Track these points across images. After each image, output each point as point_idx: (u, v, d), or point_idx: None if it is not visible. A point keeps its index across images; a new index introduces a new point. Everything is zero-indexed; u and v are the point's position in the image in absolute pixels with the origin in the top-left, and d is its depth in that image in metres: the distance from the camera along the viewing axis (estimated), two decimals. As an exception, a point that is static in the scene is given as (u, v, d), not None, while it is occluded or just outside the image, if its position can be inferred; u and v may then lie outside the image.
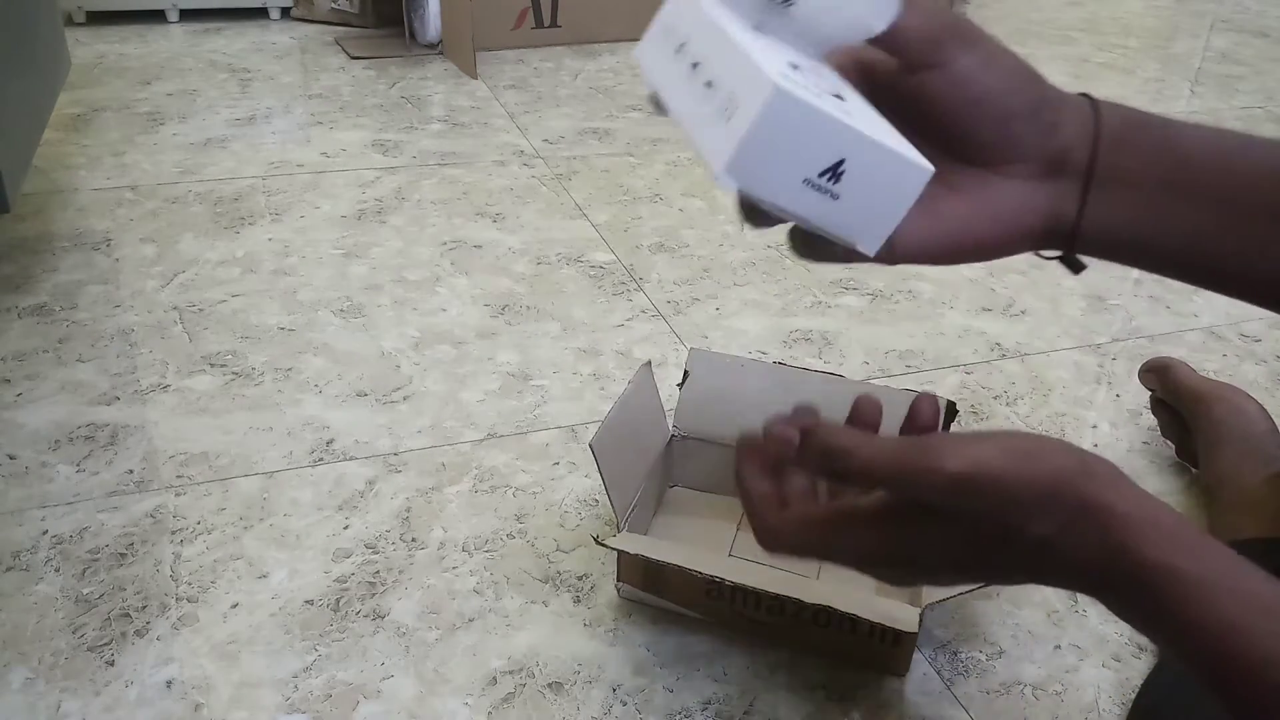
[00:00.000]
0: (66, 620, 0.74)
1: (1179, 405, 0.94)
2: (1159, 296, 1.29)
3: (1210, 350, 1.18)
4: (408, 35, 2.13)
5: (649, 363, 0.85)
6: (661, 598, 0.76)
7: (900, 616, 0.68)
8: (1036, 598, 0.80)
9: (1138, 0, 2.96)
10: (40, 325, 1.09)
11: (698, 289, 1.24)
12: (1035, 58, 2.28)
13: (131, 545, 0.81)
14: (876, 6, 0.39)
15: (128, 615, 0.75)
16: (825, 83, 0.39)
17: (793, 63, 0.38)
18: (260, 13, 2.28)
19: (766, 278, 1.27)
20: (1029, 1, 2.84)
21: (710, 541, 0.83)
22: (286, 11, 2.30)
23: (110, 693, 0.69)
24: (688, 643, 0.75)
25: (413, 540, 0.83)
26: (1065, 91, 0.43)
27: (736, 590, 0.72)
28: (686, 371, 0.86)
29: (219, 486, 0.88)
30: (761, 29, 0.40)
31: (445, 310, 1.17)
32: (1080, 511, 0.37)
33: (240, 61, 1.99)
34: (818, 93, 0.36)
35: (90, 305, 1.13)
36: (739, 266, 1.29)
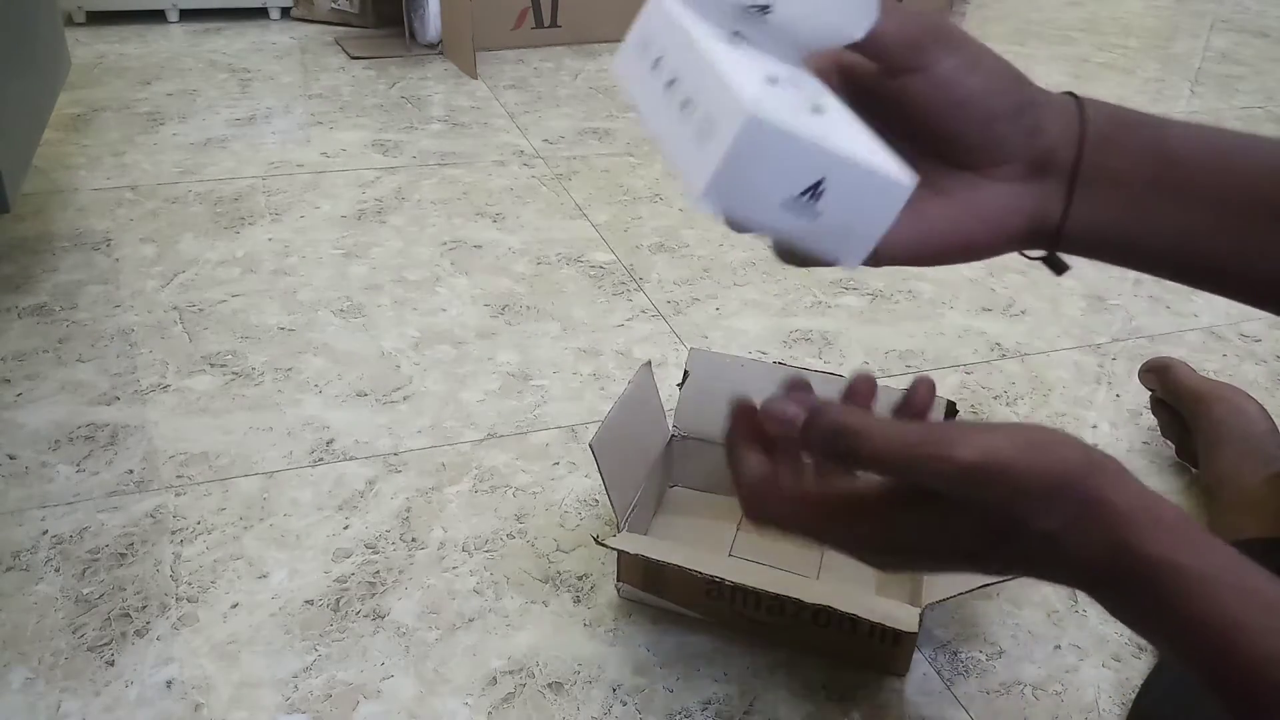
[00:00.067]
0: (66, 620, 0.74)
1: (1179, 405, 0.94)
2: (1159, 296, 1.29)
3: (1210, 350, 1.18)
4: (408, 35, 2.13)
5: (649, 363, 0.85)
6: (661, 598, 0.76)
7: (900, 616, 0.68)
8: (1036, 598, 0.80)
9: (1138, 0, 2.96)
10: (40, 325, 1.09)
11: (698, 289, 1.24)
12: (1035, 58, 2.29)
13: (131, 545, 0.81)
14: (854, 13, 0.39)
15: (128, 615, 0.75)
16: (805, 92, 0.38)
17: (770, 75, 0.37)
18: (260, 13, 2.28)
19: (766, 278, 1.27)
20: (1029, 1, 2.84)
21: (710, 541, 0.83)
22: (286, 11, 2.30)
23: (110, 693, 0.69)
24: (688, 643, 0.75)
25: (413, 540, 0.83)
26: (1050, 91, 0.43)
27: (736, 590, 0.72)
28: (686, 371, 0.86)
29: (219, 486, 0.88)
30: (739, 36, 0.40)
31: (445, 310, 1.17)
32: (1085, 506, 0.37)
33: (240, 61, 1.99)
34: (795, 110, 0.35)
35: (90, 305, 1.13)
36: (739, 266, 1.29)
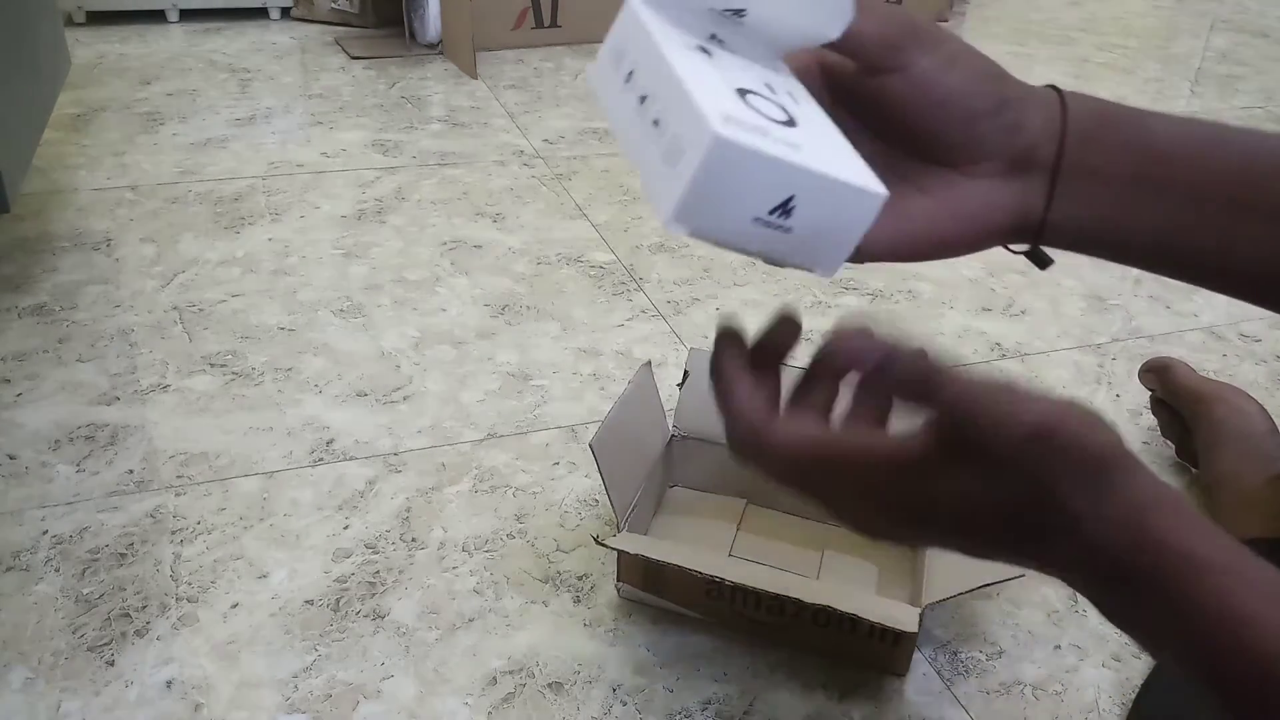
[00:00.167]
0: (66, 620, 0.74)
1: (1179, 405, 0.94)
2: (1159, 296, 1.29)
3: (1210, 350, 1.18)
4: (408, 35, 2.13)
5: (649, 363, 0.85)
6: (661, 598, 0.76)
7: (900, 616, 0.68)
8: (1036, 598, 0.80)
9: (1138, 0, 2.96)
10: (40, 325, 1.09)
11: (698, 289, 1.24)
12: (1035, 58, 2.29)
13: (131, 545, 0.81)
14: (830, 13, 0.39)
15: (128, 615, 0.75)
16: (778, 101, 0.38)
17: (742, 87, 0.37)
18: (260, 13, 2.28)
19: (766, 278, 1.27)
20: (1029, 1, 2.84)
21: (710, 541, 0.83)
22: (286, 11, 2.29)
23: (110, 693, 0.69)
24: (688, 643, 0.75)
25: (413, 540, 0.83)
26: (1032, 86, 0.43)
27: (736, 590, 0.72)
28: (686, 371, 0.86)
29: (219, 486, 0.88)
30: (714, 42, 0.40)
31: (445, 310, 1.17)
32: (1111, 491, 0.36)
33: (240, 61, 1.99)
34: (764, 125, 0.35)
35: (90, 305, 1.13)
36: (739, 266, 1.29)
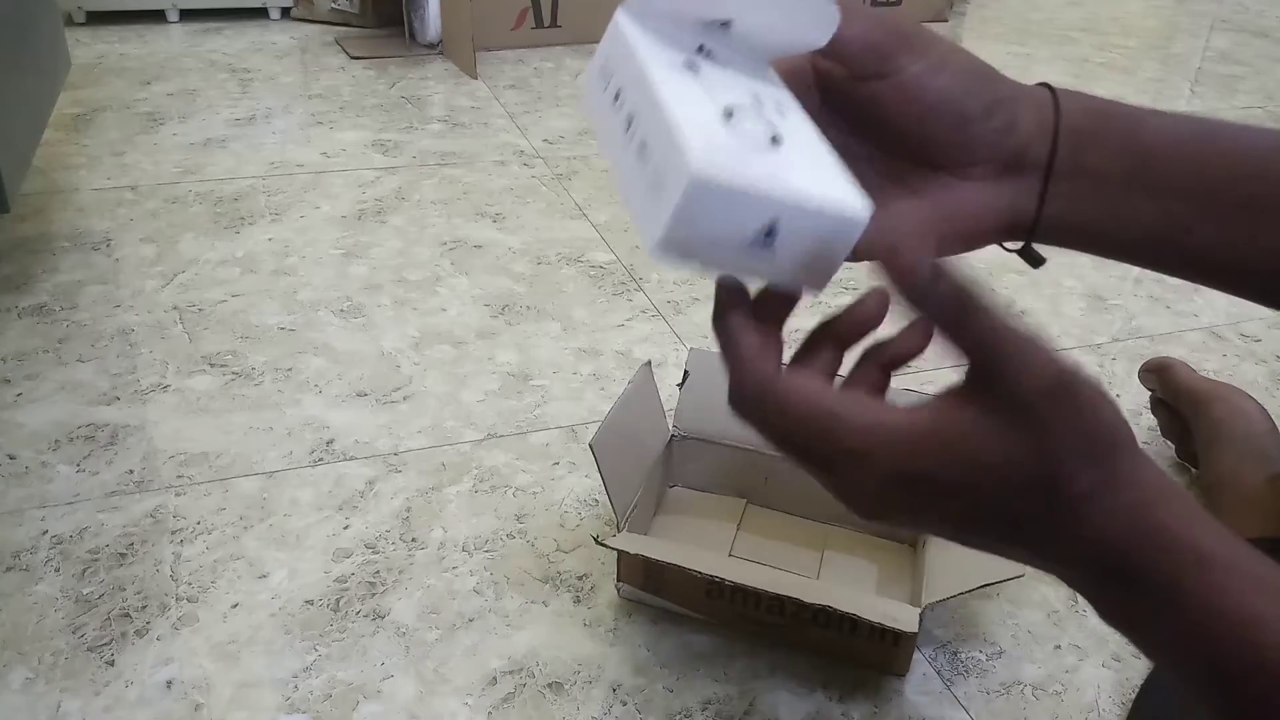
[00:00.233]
0: (66, 620, 0.74)
1: (1179, 405, 0.94)
2: (1159, 296, 1.29)
3: (1210, 350, 1.18)
4: (408, 35, 2.13)
5: (649, 363, 0.85)
6: (661, 598, 0.76)
7: (900, 616, 0.68)
8: (1036, 598, 0.80)
9: (1138, 0, 2.96)
10: (40, 325, 1.09)
11: (698, 289, 1.24)
12: (1035, 58, 2.29)
13: (131, 545, 0.81)
14: (816, 21, 0.39)
15: (128, 615, 0.75)
16: (765, 114, 0.38)
17: (728, 106, 0.37)
18: (260, 13, 2.28)
19: (766, 278, 1.27)
20: (1029, 1, 2.83)
21: (710, 541, 0.83)
22: (286, 11, 2.29)
23: (110, 693, 0.69)
24: (688, 643, 0.75)
25: (413, 540, 0.83)
26: (1024, 85, 0.43)
27: (736, 590, 0.72)
28: (686, 371, 0.86)
29: (219, 486, 0.88)
30: (702, 55, 0.39)
31: (445, 310, 1.17)
32: (1117, 476, 0.35)
33: (240, 61, 1.99)
34: (747, 151, 0.35)
35: (90, 305, 1.13)
36: (739, 266, 1.29)
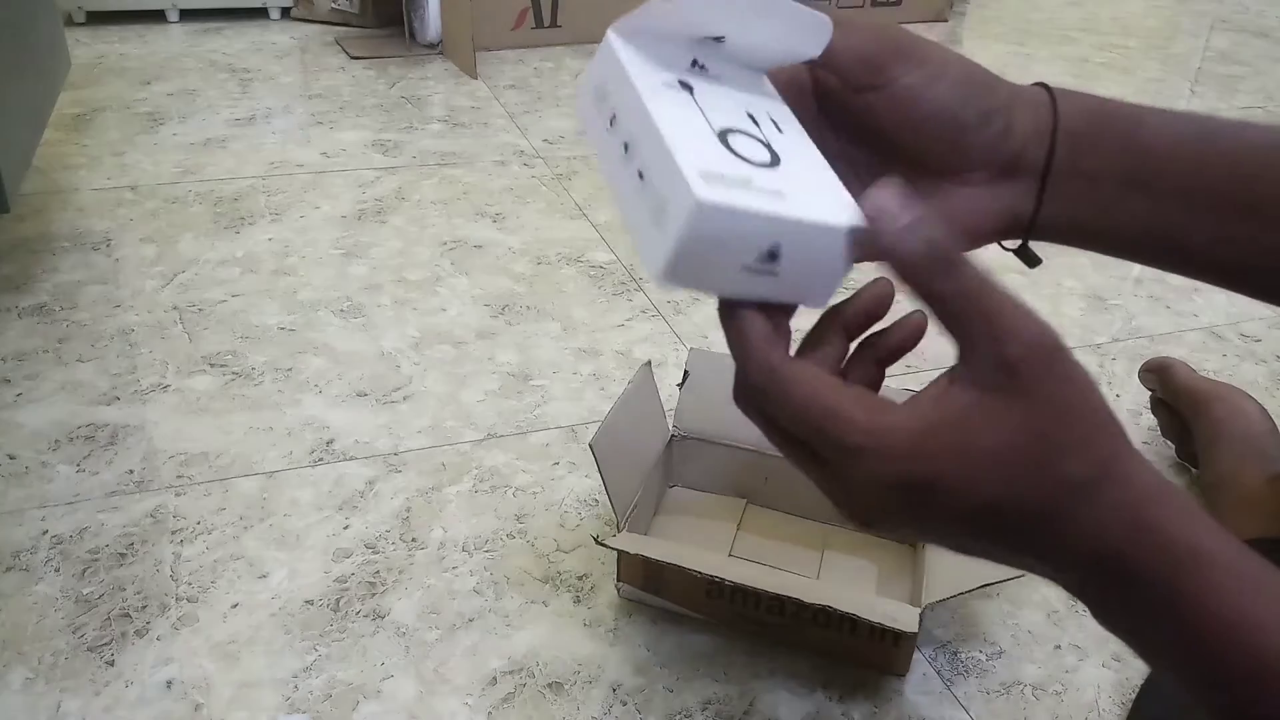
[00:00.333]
0: (66, 620, 0.74)
1: (1179, 405, 0.94)
2: (1159, 296, 1.29)
3: (1210, 350, 1.18)
4: (408, 35, 2.13)
5: (649, 363, 0.85)
6: (661, 598, 0.76)
7: (900, 616, 0.68)
8: (1036, 598, 0.80)
9: (1138, 0, 2.96)
10: (40, 325, 1.09)
11: (698, 289, 1.23)
12: (1035, 58, 2.29)
13: (131, 545, 0.81)
14: (809, 32, 0.39)
15: (128, 615, 0.75)
16: (762, 132, 0.38)
17: (726, 127, 0.37)
18: (260, 13, 2.28)
19: (766, 278, 1.27)
20: (1029, 1, 2.84)
21: (710, 541, 0.83)
22: (286, 11, 2.29)
23: (110, 693, 0.69)
24: (688, 643, 0.75)
25: (413, 540, 0.83)
26: (1021, 88, 0.43)
27: (736, 590, 0.72)
28: (686, 371, 0.86)
29: (219, 486, 0.88)
30: (696, 70, 0.39)
31: (445, 310, 1.17)
32: (1109, 469, 0.35)
33: (240, 61, 1.99)
34: (747, 174, 0.35)
35: (90, 305, 1.13)
36: (739, 266, 1.29)
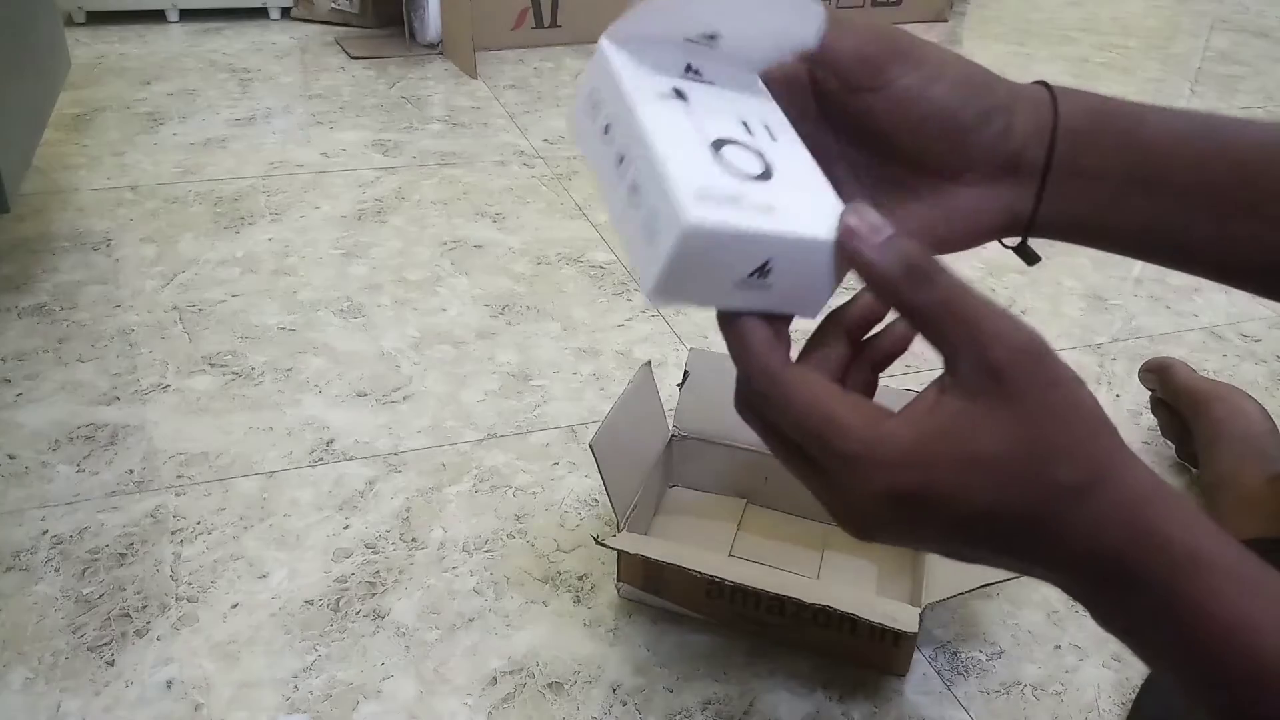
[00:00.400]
0: (66, 620, 0.74)
1: (1179, 405, 0.94)
2: (1159, 296, 1.29)
3: (1210, 350, 1.18)
4: (408, 35, 2.13)
5: (649, 363, 0.85)
6: (661, 598, 0.76)
7: (900, 616, 0.68)
8: (1036, 598, 0.80)
9: (1138, 0, 2.96)
10: (40, 325, 1.09)
11: (698, 289, 1.23)
12: (1035, 58, 2.29)
13: (131, 545, 0.81)
14: (804, 22, 0.39)
15: (128, 615, 0.75)
16: (755, 140, 0.38)
17: (719, 138, 0.37)
18: (260, 13, 2.28)
19: (766, 278, 1.27)
20: (1029, 1, 2.83)
21: (710, 541, 0.83)
22: (286, 11, 2.29)
23: (110, 693, 0.69)
24: (688, 643, 0.75)
25: (413, 540, 0.83)
26: (1021, 87, 0.43)
27: (736, 590, 0.72)
28: (686, 371, 0.86)
29: (219, 486, 0.88)
30: (690, 76, 0.39)
31: (445, 310, 1.17)
32: (1105, 472, 0.35)
33: (240, 61, 1.99)
34: (738, 190, 0.35)
35: (90, 305, 1.13)
36: (739, 266, 1.29)
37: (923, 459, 0.34)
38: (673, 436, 0.87)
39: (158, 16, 2.21)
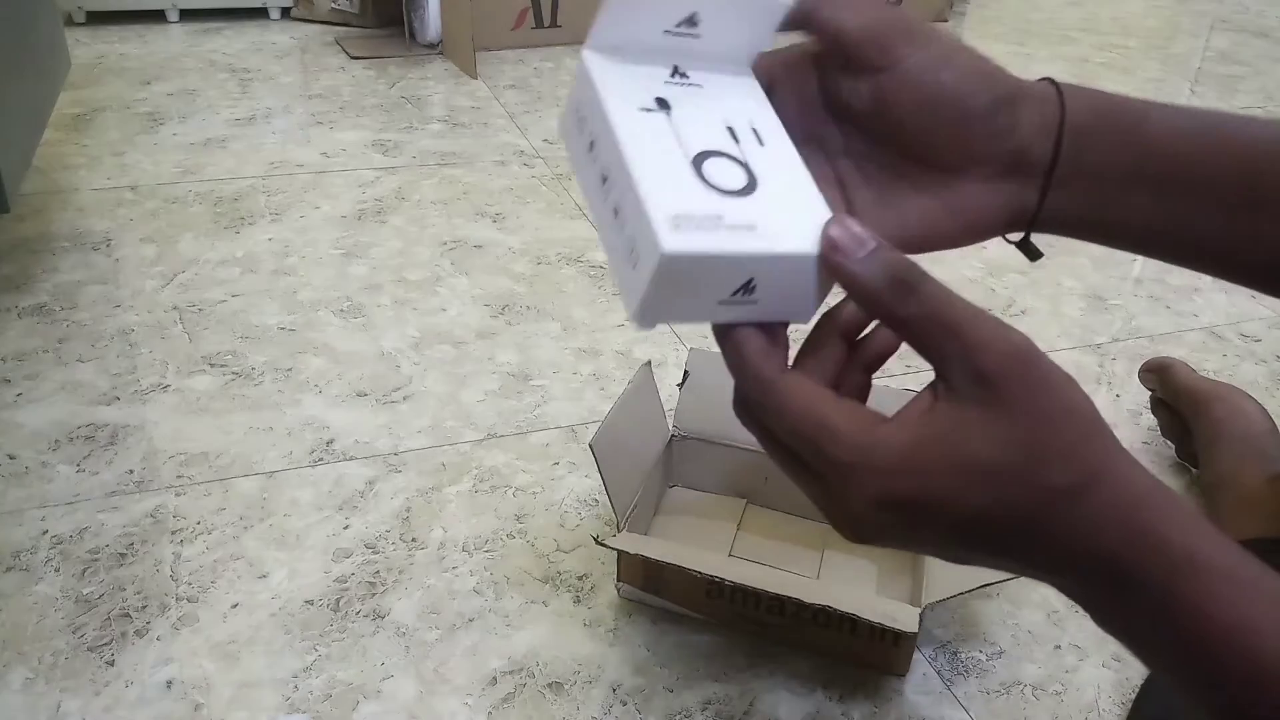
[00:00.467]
0: (66, 620, 0.74)
1: (1179, 405, 0.94)
2: (1159, 296, 1.29)
3: (1210, 350, 1.18)
4: (408, 35, 2.13)
5: (649, 363, 0.85)
6: (661, 598, 0.76)
7: (900, 616, 0.68)
8: (1036, 598, 0.80)
9: (1138, 0, 2.96)
10: (40, 325, 1.09)
11: (698, 289, 1.23)
12: (1035, 58, 2.29)
13: (131, 545, 0.81)
14: None
15: (128, 615, 0.75)
16: (741, 149, 0.37)
17: (702, 150, 0.36)
18: (260, 13, 2.28)
19: (766, 278, 1.27)
20: (1029, 1, 2.83)
21: (710, 541, 0.83)
22: (286, 11, 2.29)
23: (110, 693, 0.69)
24: (688, 643, 0.75)
25: (413, 540, 0.83)
26: (1028, 82, 0.43)
27: (736, 590, 0.72)
28: (686, 371, 0.86)
29: (219, 486, 0.88)
30: (676, 79, 0.39)
31: (445, 310, 1.17)
32: (1101, 474, 0.35)
33: (240, 61, 1.99)
34: (718, 210, 0.34)
35: (90, 305, 1.13)
36: (739, 266, 1.29)
37: (917, 465, 0.34)
38: (673, 436, 0.87)
39: (158, 16, 2.21)
